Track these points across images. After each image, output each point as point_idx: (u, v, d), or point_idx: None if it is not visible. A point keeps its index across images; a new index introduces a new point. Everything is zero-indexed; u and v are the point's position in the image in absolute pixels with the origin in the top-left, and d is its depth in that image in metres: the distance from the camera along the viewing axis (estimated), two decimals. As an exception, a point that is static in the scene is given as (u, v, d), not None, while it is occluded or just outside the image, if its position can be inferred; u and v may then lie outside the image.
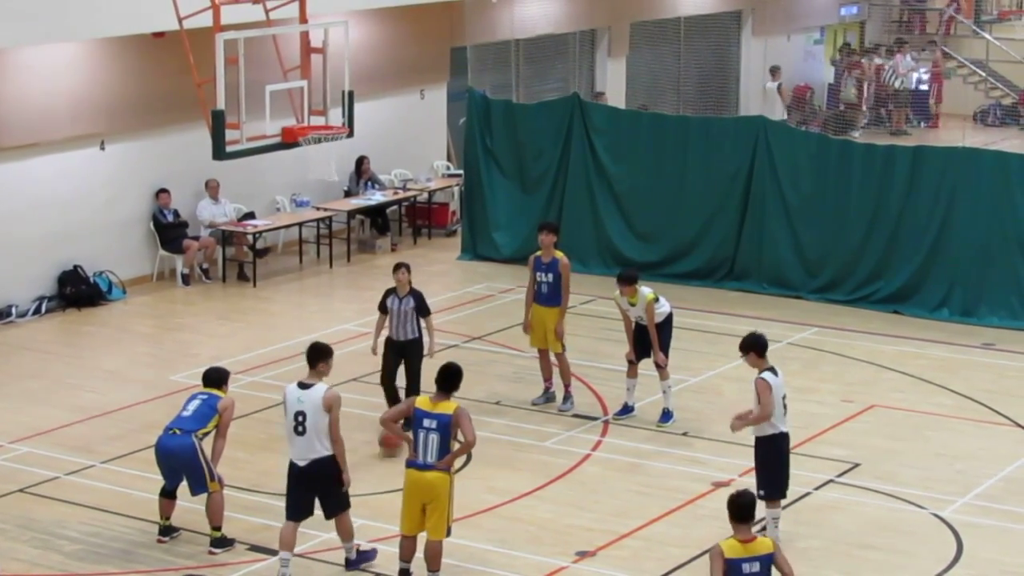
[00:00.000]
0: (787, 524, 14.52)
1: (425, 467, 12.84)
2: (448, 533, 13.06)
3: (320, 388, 13.13)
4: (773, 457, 13.90)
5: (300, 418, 13.06)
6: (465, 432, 12.79)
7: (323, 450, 13.13)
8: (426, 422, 12.82)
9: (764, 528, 13.92)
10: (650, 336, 17.07)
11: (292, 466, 13.28)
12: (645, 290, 17.13)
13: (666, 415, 17.30)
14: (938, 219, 21.59)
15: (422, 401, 12.98)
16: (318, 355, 13.36)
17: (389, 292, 16.89)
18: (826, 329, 20.90)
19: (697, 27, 34.95)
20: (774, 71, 35.83)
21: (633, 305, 17.15)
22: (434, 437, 12.79)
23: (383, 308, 16.91)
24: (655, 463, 16.21)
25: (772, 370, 13.82)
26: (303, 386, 13.18)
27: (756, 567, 10.42)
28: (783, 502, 14.18)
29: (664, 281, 23.21)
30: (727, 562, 10.39)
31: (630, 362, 17.41)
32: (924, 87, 37.56)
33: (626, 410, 17.51)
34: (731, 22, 36.21)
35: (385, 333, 16.99)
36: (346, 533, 13.53)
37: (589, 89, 32.03)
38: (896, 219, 21.86)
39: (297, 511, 13.31)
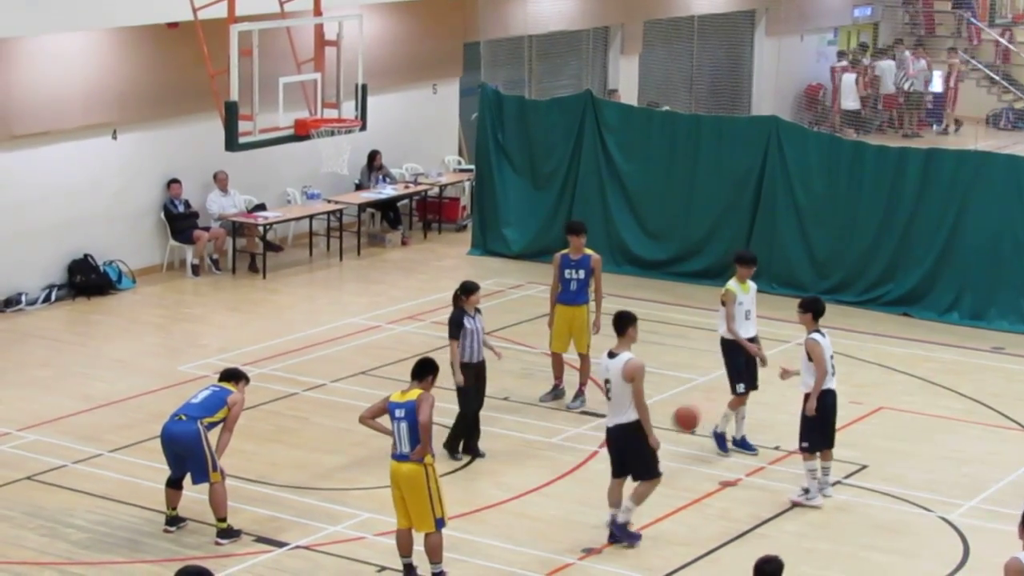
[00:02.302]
0: (793, 525, 14.55)
1: (401, 458, 12.91)
2: (441, 524, 12.99)
3: (622, 358, 13.76)
4: (819, 412, 14.66)
5: (608, 384, 13.83)
6: (420, 414, 12.78)
7: (624, 416, 13.76)
8: (397, 412, 12.92)
9: (806, 489, 14.80)
10: (747, 348, 16.14)
11: (607, 429, 14.02)
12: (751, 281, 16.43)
13: (747, 445, 16.45)
14: (949, 222, 21.55)
15: (395, 395, 13.09)
16: (625, 322, 14.02)
17: (461, 313, 15.80)
18: (835, 330, 20.72)
19: (710, 26, 34.93)
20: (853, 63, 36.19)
21: (747, 295, 16.20)
22: (403, 426, 12.86)
23: (458, 333, 15.72)
24: (663, 461, 16.12)
25: (820, 332, 14.76)
26: (611, 355, 13.87)
27: None
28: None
29: (674, 280, 23.28)
30: None
31: (748, 390, 16.24)
32: (937, 90, 37.57)
33: (747, 446, 16.34)
34: (744, 21, 36.18)
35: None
36: (639, 497, 14.00)
37: (602, 86, 32.01)
38: (907, 221, 21.83)
39: (618, 469, 14.05)
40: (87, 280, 22.14)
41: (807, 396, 14.77)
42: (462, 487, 15.02)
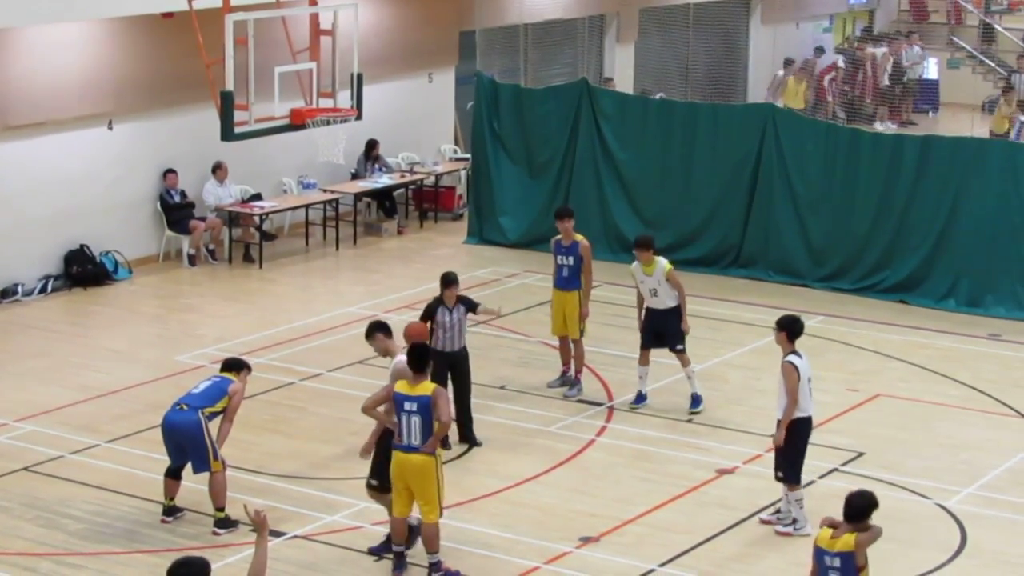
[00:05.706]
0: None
1: (410, 450, 12.85)
2: (440, 514, 13.04)
3: None
4: (794, 441, 13.95)
5: None
6: (439, 413, 12.78)
7: None
8: (407, 405, 12.83)
9: (779, 510, 14.28)
10: (664, 318, 16.94)
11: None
12: (663, 260, 16.94)
13: (695, 400, 17.24)
14: (945, 209, 21.55)
15: (401, 385, 12.98)
16: None
17: (437, 304, 16.10)
18: (832, 318, 20.88)
19: (706, 14, 34.89)
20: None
21: (648, 276, 16.90)
22: (416, 420, 12.81)
23: (427, 319, 16.07)
24: (659, 449, 16.21)
25: (797, 353, 13.92)
26: None
27: (837, 562, 10.72)
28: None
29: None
30: (814, 548, 10.89)
31: (643, 348, 17.26)
32: (932, 77, 37.57)
33: (640, 399, 17.40)
34: (740, 9, 36.14)
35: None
36: None
37: (597, 75, 31.97)
38: (903, 208, 21.83)
39: None
40: (83, 270, 22.12)
41: (779, 423, 13.99)
42: (459, 476, 15.01)
